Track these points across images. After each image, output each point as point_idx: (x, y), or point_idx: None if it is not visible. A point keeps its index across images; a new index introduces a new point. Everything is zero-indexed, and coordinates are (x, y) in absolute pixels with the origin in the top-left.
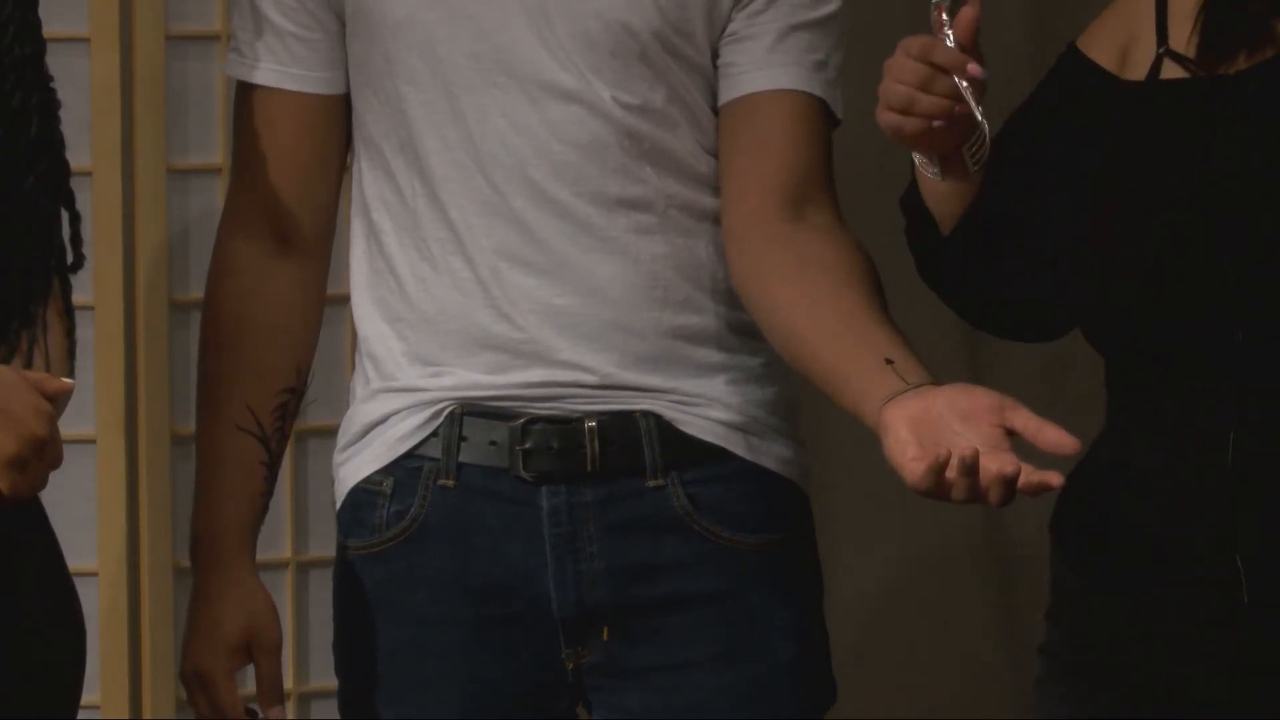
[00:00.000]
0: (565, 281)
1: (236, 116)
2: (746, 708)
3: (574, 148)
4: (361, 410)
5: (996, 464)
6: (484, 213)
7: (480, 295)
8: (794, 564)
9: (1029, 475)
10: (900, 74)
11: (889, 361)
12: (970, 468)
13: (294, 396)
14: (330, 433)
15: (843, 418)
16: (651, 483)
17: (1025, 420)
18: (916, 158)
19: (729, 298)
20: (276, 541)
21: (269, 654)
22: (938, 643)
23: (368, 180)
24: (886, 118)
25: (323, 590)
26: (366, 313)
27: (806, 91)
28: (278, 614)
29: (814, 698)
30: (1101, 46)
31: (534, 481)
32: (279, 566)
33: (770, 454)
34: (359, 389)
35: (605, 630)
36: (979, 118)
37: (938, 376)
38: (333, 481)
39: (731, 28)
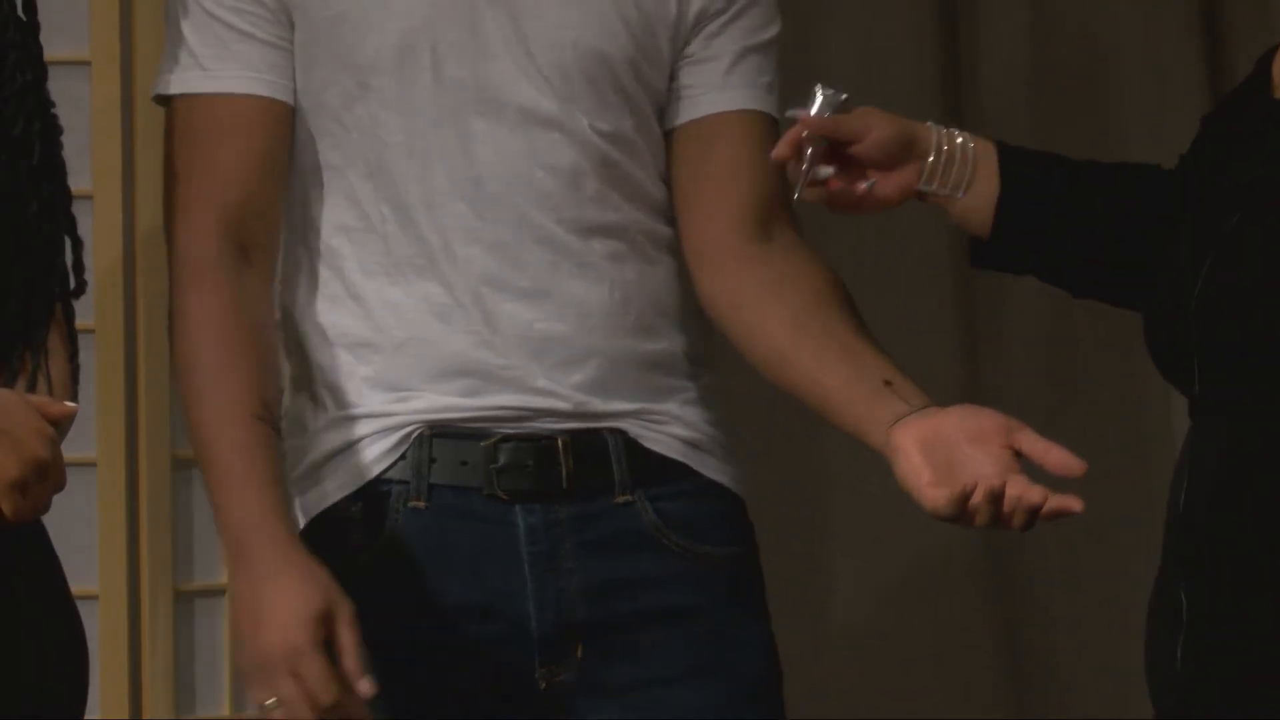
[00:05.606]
0: (547, 306)
1: (187, 129)
2: None
3: (554, 174)
4: (320, 439)
5: (1021, 492)
6: (465, 239)
7: (461, 320)
8: (754, 578)
9: (1052, 502)
10: (792, 176)
11: (887, 383)
12: (997, 497)
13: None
14: None
15: (838, 432)
16: (621, 499)
17: (1032, 442)
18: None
19: (684, 324)
20: None
21: (348, 624)
22: (934, 656)
23: (316, 205)
24: (809, 194)
25: None
26: (316, 341)
27: (765, 112)
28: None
29: (783, 709)
30: None
31: (508, 500)
32: None
33: (725, 472)
34: (309, 419)
35: (580, 647)
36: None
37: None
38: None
39: (689, 50)
